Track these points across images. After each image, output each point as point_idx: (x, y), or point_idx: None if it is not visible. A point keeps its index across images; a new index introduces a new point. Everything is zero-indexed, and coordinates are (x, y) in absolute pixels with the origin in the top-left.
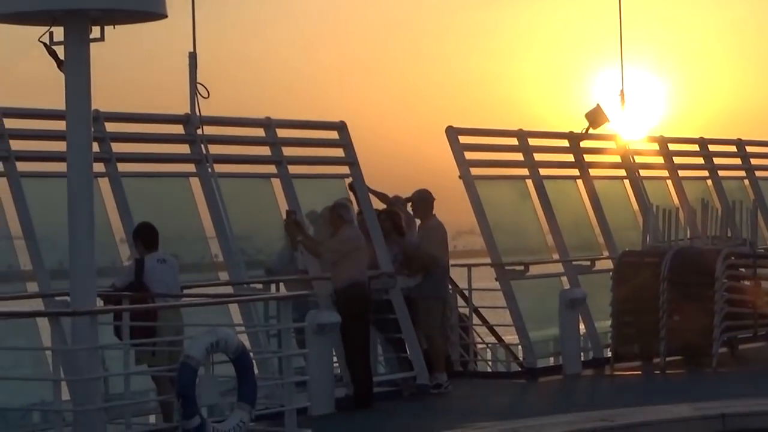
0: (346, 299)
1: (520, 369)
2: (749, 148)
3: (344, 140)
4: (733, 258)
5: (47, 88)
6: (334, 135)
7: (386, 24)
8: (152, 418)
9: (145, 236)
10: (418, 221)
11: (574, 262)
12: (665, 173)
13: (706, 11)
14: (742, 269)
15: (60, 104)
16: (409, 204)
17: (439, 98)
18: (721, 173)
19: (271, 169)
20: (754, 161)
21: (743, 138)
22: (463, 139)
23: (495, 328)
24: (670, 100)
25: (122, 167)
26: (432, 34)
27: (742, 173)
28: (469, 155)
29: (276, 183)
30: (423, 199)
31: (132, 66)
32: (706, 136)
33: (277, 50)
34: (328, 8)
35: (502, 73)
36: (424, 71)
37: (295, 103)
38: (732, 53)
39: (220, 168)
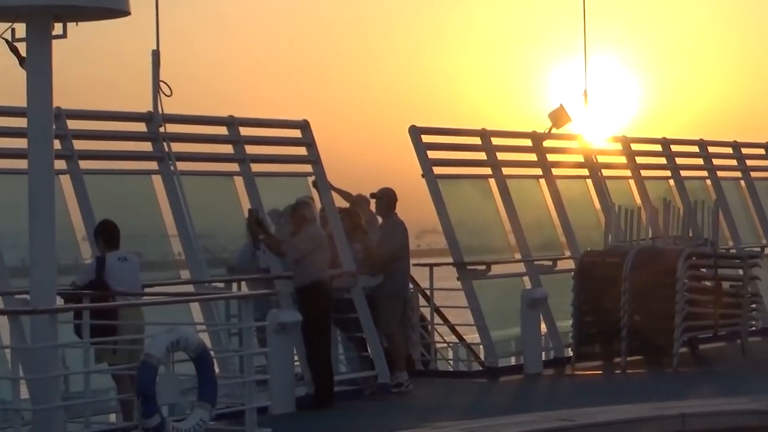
0: (308, 298)
1: (481, 368)
2: (711, 149)
3: (307, 139)
4: (694, 258)
5: (9, 84)
6: (297, 134)
7: (349, 22)
8: (112, 417)
9: (106, 234)
10: (380, 219)
11: (536, 262)
12: (628, 173)
13: (676, 9)
14: (704, 269)
15: (21, 101)
16: (373, 201)
17: (401, 97)
18: (683, 173)
19: (234, 167)
20: (716, 161)
21: (706, 138)
22: (426, 138)
23: (456, 327)
24: (636, 99)
25: (84, 165)
26: (394, 32)
27: (704, 173)
28: (432, 154)
29: (239, 181)
30: (386, 197)
31: (95, 63)
32: (668, 137)
33: (240, 48)
34: (291, 6)
35: (464, 71)
36: (388, 69)
37: (258, 102)
38: (703, 53)
39: (182, 166)
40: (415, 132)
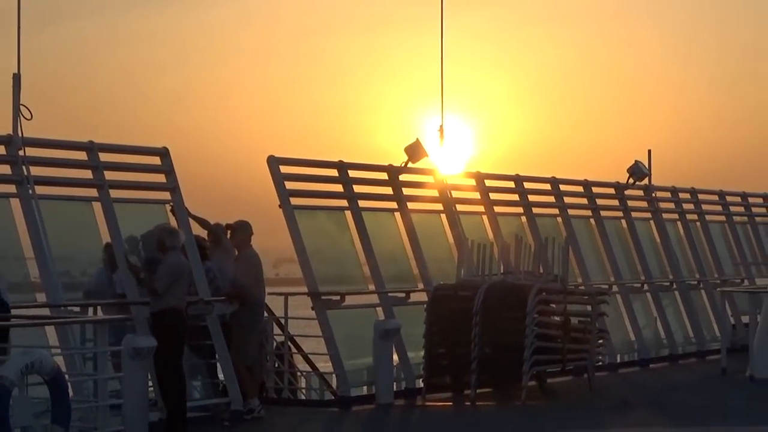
0: (162, 324)
1: (333, 397)
2: (563, 187)
3: (166, 166)
4: (544, 293)
5: None
6: (156, 160)
7: (211, 50)
8: None
9: None
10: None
11: (389, 294)
12: (481, 209)
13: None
14: (553, 305)
15: None
16: (229, 231)
17: (262, 126)
18: (535, 210)
19: (93, 192)
20: (567, 200)
21: (557, 176)
22: (284, 169)
23: (310, 356)
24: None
25: None
26: (258, 62)
27: (556, 211)
28: (290, 185)
29: (97, 206)
30: (242, 229)
31: None
32: (521, 174)
33: (102, 73)
34: (153, 33)
35: (324, 104)
36: (250, 99)
37: (118, 127)
38: (525, 96)
39: (41, 190)
40: (274, 162)
